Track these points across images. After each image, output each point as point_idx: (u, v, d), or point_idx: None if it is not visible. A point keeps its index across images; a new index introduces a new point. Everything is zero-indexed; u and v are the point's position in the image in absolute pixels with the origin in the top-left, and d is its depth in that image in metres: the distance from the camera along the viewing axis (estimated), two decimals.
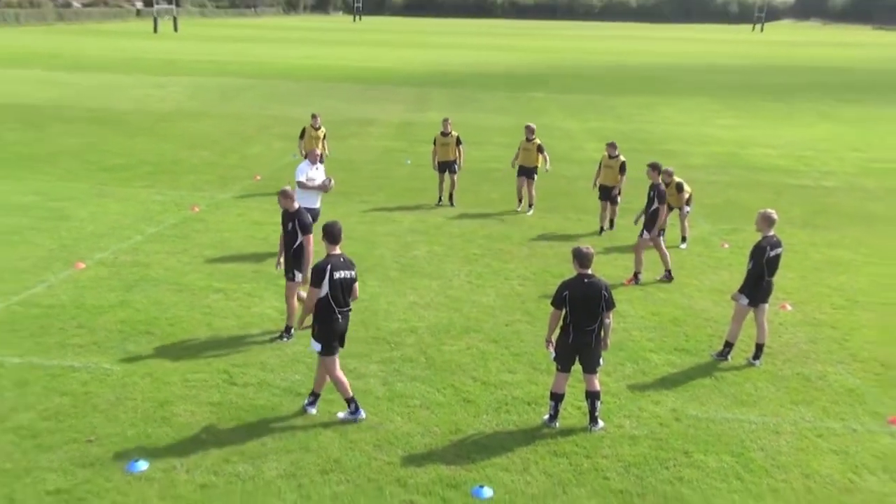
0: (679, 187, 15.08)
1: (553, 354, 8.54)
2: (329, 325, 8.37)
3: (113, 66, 51.58)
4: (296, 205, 10.47)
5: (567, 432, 8.45)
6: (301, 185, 13.30)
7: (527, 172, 17.68)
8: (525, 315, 11.72)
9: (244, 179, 20.28)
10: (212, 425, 8.38)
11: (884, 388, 9.77)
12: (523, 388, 9.43)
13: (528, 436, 8.38)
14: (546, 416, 8.65)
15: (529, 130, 17.66)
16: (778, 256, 10.13)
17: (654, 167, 13.35)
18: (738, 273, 13.85)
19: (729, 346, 10.43)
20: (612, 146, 16.34)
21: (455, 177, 17.98)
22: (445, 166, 17.94)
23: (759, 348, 10.34)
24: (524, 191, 17.89)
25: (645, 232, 13.19)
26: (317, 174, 13.62)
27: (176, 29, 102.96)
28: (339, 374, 8.54)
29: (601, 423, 8.59)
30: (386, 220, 16.80)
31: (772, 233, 10.09)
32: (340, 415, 8.63)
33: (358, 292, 8.74)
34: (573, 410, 8.88)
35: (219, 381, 9.36)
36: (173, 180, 19.89)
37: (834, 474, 7.89)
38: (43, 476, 7.41)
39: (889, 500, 7.50)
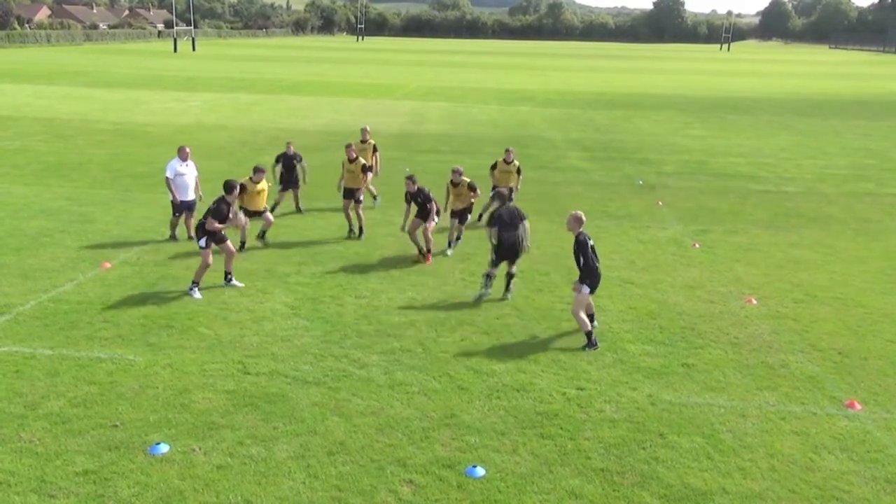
0: (472, 187, 14.37)
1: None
2: None
3: (136, 82, 51.41)
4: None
5: (552, 416, 8.44)
6: (168, 181, 14.27)
7: (363, 169, 17.84)
8: (513, 309, 11.70)
9: None
10: (227, 411, 8.34)
11: (841, 375, 9.77)
12: (512, 375, 9.42)
13: (517, 420, 8.36)
14: None
15: (364, 132, 18.36)
16: (594, 245, 10.36)
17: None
18: (707, 270, 13.92)
19: (590, 334, 10.28)
20: (508, 152, 16.38)
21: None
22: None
23: (591, 318, 10.51)
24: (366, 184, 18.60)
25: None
26: (187, 170, 14.45)
27: (194, 48, 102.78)
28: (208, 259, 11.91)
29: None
30: (387, 222, 16.74)
31: (581, 228, 10.30)
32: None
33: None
34: (557, 396, 8.87)
35: (234, 370, 9.33)
36: None
37: (796, 454, 7.89)
38: (72, 458, 7.37)
39: (846, 477, 7.50)
